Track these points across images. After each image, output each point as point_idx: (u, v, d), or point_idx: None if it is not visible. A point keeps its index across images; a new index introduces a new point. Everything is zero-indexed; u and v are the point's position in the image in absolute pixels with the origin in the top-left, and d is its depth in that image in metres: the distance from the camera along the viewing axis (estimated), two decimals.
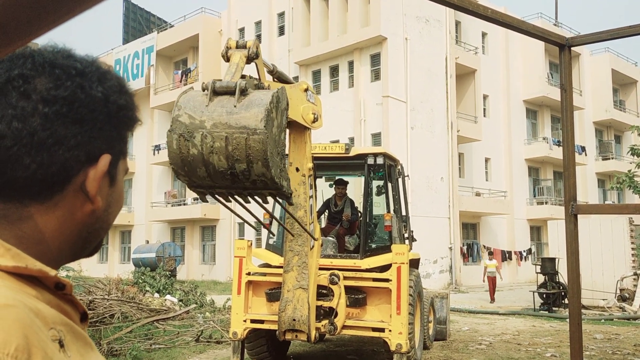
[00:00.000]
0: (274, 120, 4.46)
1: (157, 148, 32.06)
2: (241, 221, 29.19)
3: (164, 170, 33.45)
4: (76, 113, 0.82)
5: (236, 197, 4.86)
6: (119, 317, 12.06)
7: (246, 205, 4.88)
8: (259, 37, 29.89)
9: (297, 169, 7.05)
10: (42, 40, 0.89)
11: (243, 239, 8.93)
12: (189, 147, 4.42)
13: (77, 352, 0.79)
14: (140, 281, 17.19)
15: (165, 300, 15.13)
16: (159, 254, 28.34)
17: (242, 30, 31.06)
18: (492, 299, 19.79)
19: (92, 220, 0.87)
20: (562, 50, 3.25)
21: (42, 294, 0.79)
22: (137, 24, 38.44)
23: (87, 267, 35.29)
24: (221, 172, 4.43)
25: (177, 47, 33.89)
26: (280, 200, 5.32)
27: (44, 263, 0.80)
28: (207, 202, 5.05)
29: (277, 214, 9.11)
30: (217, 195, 4.87)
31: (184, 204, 31.63)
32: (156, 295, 16.08)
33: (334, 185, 9.76)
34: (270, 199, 4.87)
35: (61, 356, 0.74)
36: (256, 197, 4.83)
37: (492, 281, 20.11)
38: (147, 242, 32.44)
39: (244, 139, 4.31)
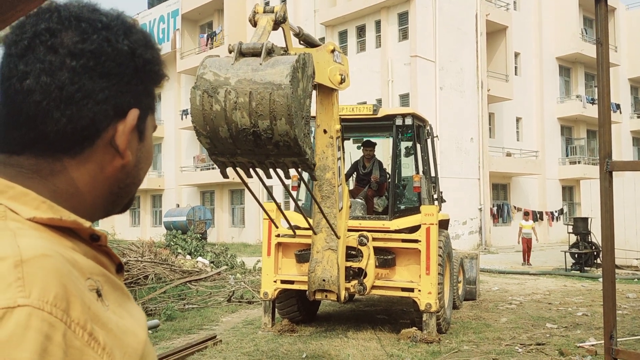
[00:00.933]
0: (300, 82, 4.40)
1: (185, 113, 32.21)
2: (270, 184, 29.35)
3: (192, 135, 33.66)
4: (103, 66, 0.82)
5: (257, 170, 4.86)
6: (152, 279, 12.35)
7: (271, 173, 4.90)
8: None
9: (325, 131, 7.02)
10: None
11: (271, 201, 9.00)
12: (212, 104, 4.40)
13: (115, 302, 0.80)
14: (172, 244, 17.54)
15: (197, 262, 15.43)
16: (190, 217, 28.80)
17: None
18: (527, 262, 18.61)
19: (123, 175, 0.88)
20: (598, 3, 3.12)
21: (78, 245, 0.80)
22: None
23: (120, 230, 36.11)
24: (244, 131, 4.40)
25: (202, 10, 33.67)
26: (305, 177, 5.32)
27: (79, 215, 0.81)
28: (227, 177, 5.02)
29: (305, 177, 9.13)
30: (238, 168, 4.87)
31: (213, 168, 31.89)
32: (188, 257, 16.41)
33: (361, 147, 9.70)
34: (293, 172, 4.87)
35: (99, 305, 0.75)
36: (278, 170, 4.80)
37: (528, 243, 18.75)
38: (178, 205, 32.94)
39: (268, 94, 4.28)
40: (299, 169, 4.86)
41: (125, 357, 0.75)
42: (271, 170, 4.86)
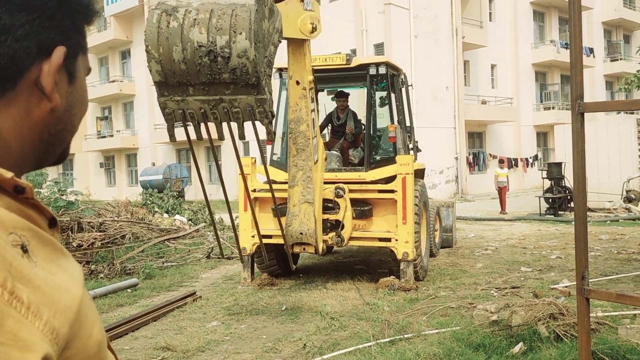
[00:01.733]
0: (264, 20, 4.27)
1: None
2: (246, 140, 29.19)
3: None
4: None
5: (208, 128, 4.67)
6: (130, 238, 12.27)
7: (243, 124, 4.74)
8: None
9: (297, 82, 6.89)
10: None
11: (248, 157, 8.91)
12: (169, 22, 4.25)
13: (46, 258, 0.73)
14: (149, 202, 17.40)
15: (175, 220, 15.35)
16: (166, 176, 28.54)
17: None
18: (504, 210, 18.34)
19: (53, 121, 0.81)
20: None
21: (0, 198, 0.72)
22: None
23: (96, 191, 35.69)
24: (199, 49, 4.23)
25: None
26: (262, 135, 5.12)
27: (3, 167, 0.74)
28: (174, 140, 4.85)
29: (279, 131, 9.02)
30: (188, 129, 4.68)
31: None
32: (165, 215, 16.31)
33: (335, 98, 9.58)
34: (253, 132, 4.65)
35: (24, 262, 0.69)
36: (232, 124, 4.59)
37: (503, 191, 18.50)
38: (153, 164, 32.59)
39: (230, 10, 4.17)
40: (256, 120, 4.58)
41: (57, 315, 0.69)
42: (225, 131, 4.66)
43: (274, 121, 9.11)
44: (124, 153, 36.63)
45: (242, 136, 4.52)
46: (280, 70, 8.92)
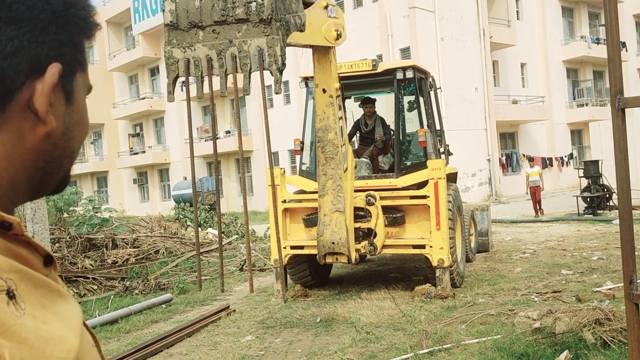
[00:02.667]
0: None
1: (184, 84, 31.86)
2: (275, 150, 29.27)
3: (194, 106, 33.41)
4: (10, 10, 0.67)
5: (214, 74, 4.47)
6: (163, 253, 12.33)
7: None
8: None
9: (324, 90, 6.81)
10: None
11: (277, 167, 8.87)
12: None
13: (37, 303, 0.64)
14: (181, 217, 17.54)
15: (207, 233, 15.41)
16: (198, 189, 28.76)
17: None
18: (538, 212, 17.29)
19: (49, 147, 0.73)
20: None
21: None
22: None
23: (130, 207, 36.22)
24: None
25: None
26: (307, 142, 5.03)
27: None
28: (172, 100, 4.66)
29: (307, 140, 8.95)
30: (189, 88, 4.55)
31: (217, 138, 31.74)
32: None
33: (361, 105, 9.48)
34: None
35: (9, 310, 0.60)
36: (239, 72, 4.39)
37: (536, 191, 17.32)
38: (185, 178, 32.90)
39: None
40: (265, 68, 4.37)
41: None
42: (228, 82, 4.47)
43: (301, 129, 9.08)
44: (156, 168, 37.10)
45: (247, 90, 4.31)
46: (306, 79, 8.86)
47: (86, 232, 13.07)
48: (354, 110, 10.01)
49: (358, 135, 9.59)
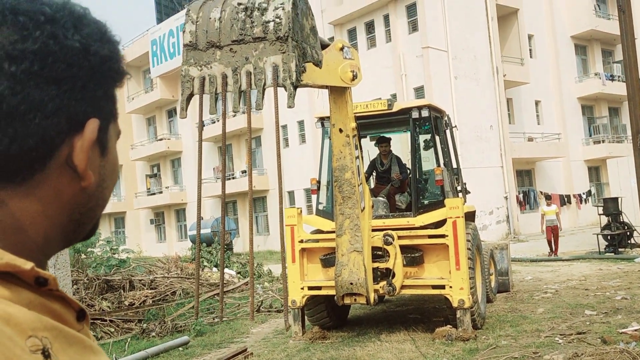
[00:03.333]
0: (304, 16, 4.53)
1: (203, 124, 32.33)
2: (291, 189, 29.34)
3: (210, 147, 33.77)
4: (51, 70, 0.67)
5: (229, 91, 4.50)
6: (180, 294, 12.27)
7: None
8: None
9: (341, 130, 6.84)
10: None
11: (294, 207, 8.86)
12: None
13: None
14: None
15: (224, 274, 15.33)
16: (214, 229, 28.79)
17: None
18: (554, 252, 16.42)
19: (84, 199, 0.73)
20: None
21: (19, 293, 0.64)
22: (169, 1, 38.46)
23: (147, 248, 36.31)
24: (237, 9, 4.34)
25: None
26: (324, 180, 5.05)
27: (25, 254, 0.66)
28: (185, 117, 4.63)
29: (324, 179, 8.96)
30: (204, 97, 4.59)
31: (233, 178, 31.93)
32: (214, 269, 16.33)
33: (377, 144, 9.50)
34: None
35: None
36: (253, 91, 4.43)
37: (554, 231, 16.41)
38: (202, 218, 33.00)
39: None
40: (279, 84, 4.38)
41: None
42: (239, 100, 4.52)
43: (317, 169, 9.10)
44: (173, 208, 37.29)
45: (259, 105, 4.32)
46: (322, 119, 8.93)
47: (104, 273, 13.08)
48: (370, 149, 10.04)
49: (374, 174, 9.59)
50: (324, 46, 6.09)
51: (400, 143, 10.96)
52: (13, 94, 0.65)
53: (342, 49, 6.46)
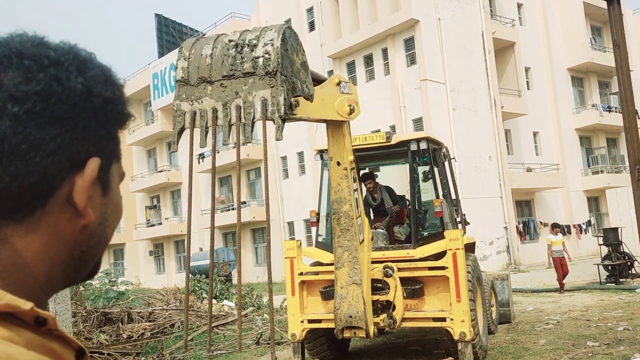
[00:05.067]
0: (294, 51, 4.71)
1: (202, 156, 32.45)
2: (290, 220, 29.31)
3: (209, 178, 33.83)
4: (53, 110, 0.69)
5: (218, 124, 4.57)
6: (179, 327, 12.17)
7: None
8: None
9: (338, 163, 6.88)
10: (7, 29, 0.76)
11: (294, 238, 8.86)
12: (207, 37, 4.76)
13: None
14: (197, 288, 17.38)
15: (223, 305, 15.23)
16: (214, 260, 28.67)
17: None
18: (562, 287, 15.50)
19: (85, 237, 0.74)
20: (611, 4, 2.98)
21: (19, 333, 0.65)
22: (171, 36, 38.98)
23: (146, 280, 36.10)
24: (227, 45, 4.50)
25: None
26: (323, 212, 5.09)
27: (26, 293, 0.67)
28: (176, 150, 4.72)
29: (323, 211, 8.98)
30: (195, 130, 4.65)
31: (233, 209, 31.93)
32: (214, 301, 16.21)
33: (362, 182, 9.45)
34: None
35: None
36: (244, 126, 4.50)
37: (561, 262, 15.32)
38: (201, 249, 32.89)
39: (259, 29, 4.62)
40: (268, 118, 4.43)
41: None
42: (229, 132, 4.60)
43: (317, 201, 9.13)
44: (172, 240, 37.19)
45: (248, 138, 4.38)
46: (321, 151, 8.99)
47: (102, 306, 12.99)
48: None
49: (371, 210, 9.60)
50: (321, 81, 6.17)
51: (399, 174, 11.01)
52: (15, 133, 0.67)
53: (339, 84, 6.52)
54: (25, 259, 0.70)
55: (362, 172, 9.34)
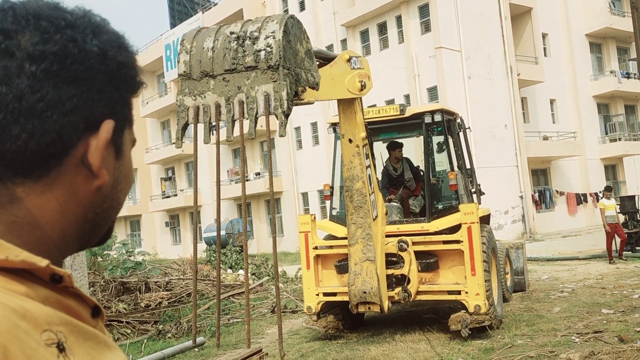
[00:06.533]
0: (297, 40, 4.61)
1: (213, 127, 32.46)
2: (305, 191, 29.38)
3: (224, 149, 33.94)
4: (69, 71, 0.71)
5: (222, 120, 4.58)
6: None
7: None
8: (302, 3, 29.44)
9: (350, 140, 6.85)
10: None
11: (308, 209, 8.90)
12: (208, 27, 4.76)
13: (86, 354, 0.67)
14: (213, 259, 17.61)
15: (239, 275, 15.44)
16: (229, 231, 28.90)
17: None
18: (620, 254, 14.34)
19: (99, 199, 0.76)
20: None
21: (35, 290, 0.66)
22: (182, 7, 38.68)
23: (162, 250, 36.57)
24: (229, 38, 4.45)
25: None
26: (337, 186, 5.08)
27: (42, 251, 0.69)
28: (180, 147, 4.75)
29: (337, 185, 9.00)
30: (199, 124, 4.68)
31: (247, 180, 32.05)
32: (229, 271, 16.44)
33: (388, 149, 9.47)
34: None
35: None
36: (246, 117, 4.47)
37: (618, 229, 14.29)
38: (216, 220, 33.15)
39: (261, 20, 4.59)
40: (271, 112, 4.43)
41: None
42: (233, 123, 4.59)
43: (330, 174, 9.13)
44: (188, 211, 37.51)
45: (252, 134, 4.39)
46: (334, 124, 8.95)
47: (120, 275, 13.23)
48: (383, 152, 10.05)
49: (387, 180, 9.59)
50: (331, 59, 6.08)
51: (413, 146, 10.96)
52: (32, 91, 0.68)
53: (349, 60, 6.39)
54: (40, 218, 0.71)
55: (391, 140, 9.32)
